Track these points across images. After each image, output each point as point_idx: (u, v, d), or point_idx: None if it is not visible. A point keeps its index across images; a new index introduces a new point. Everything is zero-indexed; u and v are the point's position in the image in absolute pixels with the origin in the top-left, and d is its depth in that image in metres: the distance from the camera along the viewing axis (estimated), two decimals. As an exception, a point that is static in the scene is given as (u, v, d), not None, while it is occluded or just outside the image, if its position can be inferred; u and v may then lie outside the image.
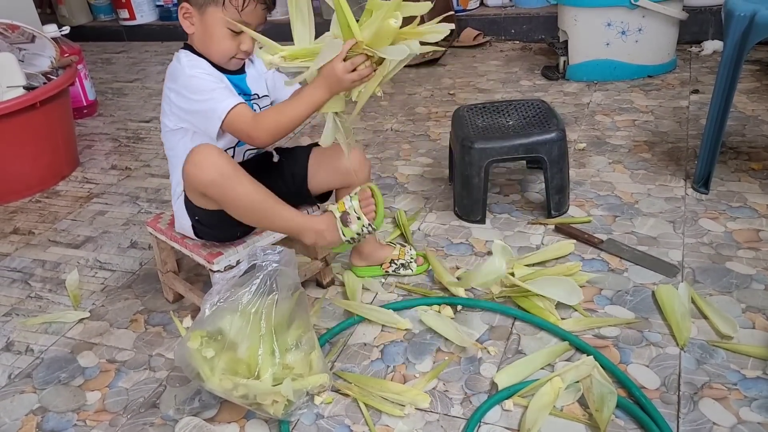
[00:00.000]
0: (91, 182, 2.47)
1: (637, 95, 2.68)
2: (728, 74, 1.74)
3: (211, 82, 1.32)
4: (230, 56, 1.35)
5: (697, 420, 1.19)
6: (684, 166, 2.07)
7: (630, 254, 1.66)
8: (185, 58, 1.36)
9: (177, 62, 1.36)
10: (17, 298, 1.79)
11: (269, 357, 1.21)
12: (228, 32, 1.31)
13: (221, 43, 1.33)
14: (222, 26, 1.30)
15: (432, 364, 1.39)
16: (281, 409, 1.23)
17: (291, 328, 1.27)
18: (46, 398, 1.41)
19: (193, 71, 1.33)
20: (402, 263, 1.64)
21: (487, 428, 1.22)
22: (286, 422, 1.26)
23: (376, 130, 2.63)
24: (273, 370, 1.20)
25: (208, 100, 1.30)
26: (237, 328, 1.20)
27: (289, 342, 1.26)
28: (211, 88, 1.31)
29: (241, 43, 1.33)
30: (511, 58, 3.38)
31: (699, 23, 3.14)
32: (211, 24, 1.31)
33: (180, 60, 1.36)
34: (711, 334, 1.38)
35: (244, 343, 1.21)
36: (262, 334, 1.21)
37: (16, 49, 2.51)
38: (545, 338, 1.42)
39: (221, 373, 1.19)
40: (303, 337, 1.28)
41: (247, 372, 1.20)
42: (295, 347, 1.26)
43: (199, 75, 1.33)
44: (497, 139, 1.78)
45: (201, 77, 1.32)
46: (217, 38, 1.32)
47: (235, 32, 1.31)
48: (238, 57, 1.36)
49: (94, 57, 4.22)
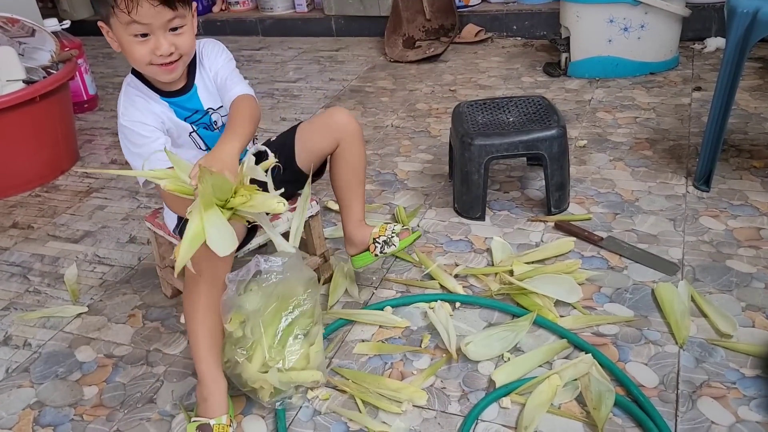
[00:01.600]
0: (90, 177, 2.46)
1: (638, 92, 2.67)
2: (730, 71, 1.73)
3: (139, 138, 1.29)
4: (147, 62, 1.25)
5: (695, 419, 1.18)
6: (685, 163, 2.06)
7: (630, 252, 1.65)
8: (124, 92, 1.33)
9: (119, 96, 1.34)
10: (16, 292, 1.79)
11: (268, 340, 1.21)
12: (133, 38, 1.21)
13: (133, 51, 1.23)
14: (126, 34, 1.21)
15: (430, 362, 1.38)
16: (267, 396, 1.23)
17: (299, 317, 1.25)
18: (43, 393, 1.41)
19: (121, 120, 1.30)
20: (384, 240, 1.51)
21: (484, 425, 1.22)
22: (283, 418, 1.26)
23: (377, 126, 2.62)
24: (266, 355, 1.20)
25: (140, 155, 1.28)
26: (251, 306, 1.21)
27: (294, 330, 1.24)
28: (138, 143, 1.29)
29: (153, 48, 1.22)
30: (513, 54, 3.36)
31: (702, 20, 3.12)
32: (119, 35, 1.23)
33: (122, 93, 1.33)
34: (710, 333, 1.37)
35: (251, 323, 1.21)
36: (262, 318, 1.21)
37: (16, 43, 2.51)
38: (543, 336, 1.41)
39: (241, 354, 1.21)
40: (310, 329, 1.27)
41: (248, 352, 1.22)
42: (297, 336, 1.25)
43: (125, 129, 1.30)
44: (497, 136, 1.77)
45: (127, 133, 1.30)
46: (128, 48, 1.23)
47: (141, 36, 1.21)
48: (158, 63, 1.25)
49: (95, 51, 4.21)
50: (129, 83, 1.34)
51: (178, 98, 1.35)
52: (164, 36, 1.22)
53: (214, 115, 1.40)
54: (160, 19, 1.19)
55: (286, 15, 4.17)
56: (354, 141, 1.48)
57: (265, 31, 4.22)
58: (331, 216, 1.96)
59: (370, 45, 3.79)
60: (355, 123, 1.48)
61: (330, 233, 1.83)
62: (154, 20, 1.19)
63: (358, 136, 1.49)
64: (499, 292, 1.54)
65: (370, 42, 3.84)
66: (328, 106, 1.29)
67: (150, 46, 1.22)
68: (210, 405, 1.23)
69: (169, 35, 1.23)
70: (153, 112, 1.32)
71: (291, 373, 1.24)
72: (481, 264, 1.67)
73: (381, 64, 3.43)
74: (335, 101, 2.94)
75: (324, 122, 1.48)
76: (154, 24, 1.20)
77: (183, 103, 1.36)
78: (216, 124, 1.41)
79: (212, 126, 1.41)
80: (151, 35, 1.21)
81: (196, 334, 1.24)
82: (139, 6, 1.16)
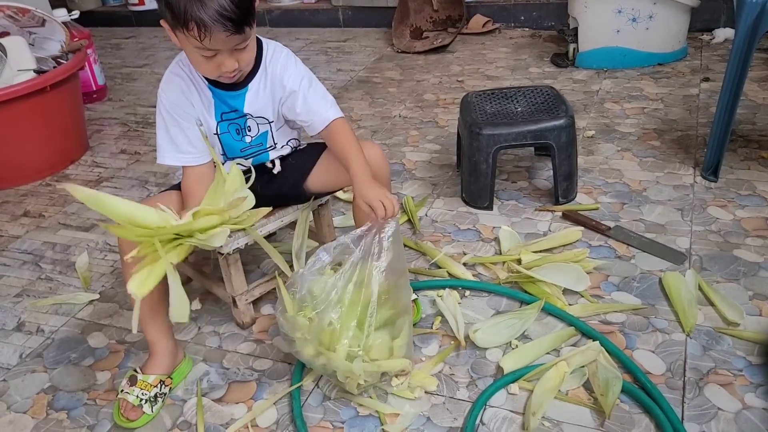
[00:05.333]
0: (100, 166, 2.48)
1: (647, 83, 2.67)
2: (739, 62, 1.72)
3: (163, 121, 1.32)
4: (215, 77, 1.25)
5: (702, 405, 1.19)
6: (693, 154, 2.06)
7: (637, 241, 1.66)
8: (171, 68, 1.33)
9: (173, 64, 1.33)
10: (28, 279, 1.81)
11: (351, 330, 1.19)
12: (201, 57, 1.20)
13: (199, 66, 1.24)
14: (192, 51, 1.20)
15: (438, 348, 1.40)
16: (354, 387, 1.24)
17: (385, 308, 1.22)
18: (56, 378, 1.43)
19: (160, 94, 1.31)
20: None
21: (492, 411, 1.23)
22: (298, 403, 1.27)
23: (384, 117, 2.62)
24: (348, 344, 1.18)
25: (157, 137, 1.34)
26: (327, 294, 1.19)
27: (380, 320, 1.22)
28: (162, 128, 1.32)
29: (220, 65, 1.21)
30: (521, 45, 3.36)
31: (710, 11, 3.11)
32: (185, 47, 1.21)
33: (173, 65, 1.33)
34: (717, 321, 1.38)
35: (330, 312, 1.19)
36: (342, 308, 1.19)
37: (27, 33, 2.52)
38: (551, 323, 1.43)
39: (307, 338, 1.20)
40: (397, 320, 1.25)
41: (329, 341, 1.20)
42: (382, 327, 1.23)
43: (161, 103, 1.31)
44: (505, 126, 1.78)
45: (160, 109, 1.32)
46: (194, 61, 1.24)
47: (208, 53, 1.19)
48: (226, 76, 1.24)
49: (104, 42, 4.23)
50: (181, 60, 1.31)
51: (226, 92, 1.32)
52: (230, 55, 1.20)
53: (251, 121, 1.36)
54: (230, 44, 1.18)
55: (293, 6, 4.17)
56: (380, 181, 1.33)
57: (273, 21, 4.22)
58: (341, 205, 1.97)
59: (377, 36, 3.79)
60: (385, 162, 1.40)
61: (339, 222, 1.84)
62: (223, 46, 1.18)
63: (385, 176, 1.40)
64: (507, 280, 1.55)
65: (378, 33, 3.84)
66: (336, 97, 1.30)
67: (216, 62, 1.20)
68: (149, 362, 1.35)
69: (234, 53, 1.21)
70: (191, 103, 1.32)
71: (378, 363, 1.21)
72: (489, 253, 1.68)
73: (388, 55, 3.43)
74: (343, 92, 2.95)
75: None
76: (223, 48, 1.18)
77: (227, 98, 1.33)
78: (250, 131, 1.37)
79: (244, 132, 1.37)
80: (218, 54, 1.19)
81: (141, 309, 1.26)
82: (212, 37, 1.14)
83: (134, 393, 1.29)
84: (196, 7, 1.11)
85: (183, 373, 1.39)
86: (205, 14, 1.11)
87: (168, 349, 1.35)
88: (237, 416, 1.28)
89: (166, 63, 1.36)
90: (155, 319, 1.33)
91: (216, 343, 1.48)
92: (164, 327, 1.35)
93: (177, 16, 1.13)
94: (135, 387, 1.30)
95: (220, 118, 1.34)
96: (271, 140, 1.41)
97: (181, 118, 1.31)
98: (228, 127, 1.36)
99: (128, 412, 1.27)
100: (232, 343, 1.48)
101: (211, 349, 1.46)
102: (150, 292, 1.15)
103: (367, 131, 2.51)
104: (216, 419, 1.28)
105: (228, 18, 1.12)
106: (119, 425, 1.28)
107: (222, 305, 1.59)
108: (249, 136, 1.38)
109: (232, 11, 1.12)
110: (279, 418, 1.27)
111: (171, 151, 1.33)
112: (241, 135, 1.38)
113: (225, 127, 1.36)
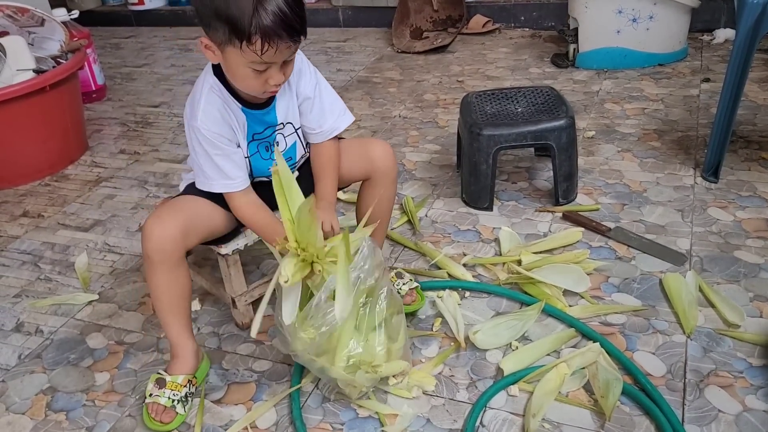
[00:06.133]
0: (99, 166, 2.48)
1: (647, 83, 2.66)
2: (740, 63, 1.72)
3: (205, 153, 1.26)
4: (259, 93, 1.22)
5: (702, 407, 1.19)
6: (693, 154, 2.06)
7: (638, 242, 1.65)
8: (205, 97, 1.25)
9: (196, 92, 1.26)
10: (27, 279, 1.80)
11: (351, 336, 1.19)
12: (251, 72, 1.16)
13: (245, 82, 1.19)
14: (243, 67, 1.15)
15: (438, 350, 1.39)
16: (355, 394, 1.25)
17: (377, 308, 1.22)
18: (55, 378, 1.43)
19: (195, 122, 1.24)
20: None
21: (492, 413, 1.23)
22: (297, 405, 1.27)
23: (384, 117, 2.62)
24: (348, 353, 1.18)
25: (201, 166, 1.28)
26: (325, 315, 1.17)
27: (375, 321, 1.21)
28: (205, 158, 1.27)
29: (268, 78, 1.17)
30: (521, 45, 3.36)
31: (711, 11, 3.11)
32: (233, 64, 1.16)
33: (196, 93, 1.26)
34: (718, 323, 1.38)
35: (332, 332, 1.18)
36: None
37: (26, 33, 2.51)
38: (551, 325, 1.42)
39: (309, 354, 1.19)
40: (390, 319, 1.24)
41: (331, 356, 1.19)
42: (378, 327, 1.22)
43: (201, 135, 1.24)
44: (506, 126, 1.77)
45: (200, 141, 1.25)
46: (241, 77, 1.19)
47: (260, 67, 1.15)
48: (270, 91, 1.22)
49: (103, 42, 4.22)
50: (212, 87, 1.25)
51: (258, 111, 1.29)
52: (279, 68, 1.18)
53: (278, 134, 1.34)
54: (286, 55, 1.15)
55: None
56: (386, 180, 1.41)
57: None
58: (339, 206, 1.96)
59: (377, 36, 3.79)
60: (393, 161, 1.41)
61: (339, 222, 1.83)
62: (280, 58, 1.15)
63: (391, 175, 1.42)
64: (507, 281, 1.55)
65: (378, 33, 3.84)
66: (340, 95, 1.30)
67: (265, 77, 1.17)
68: (174, 363, 1.33)
69: (283, 65, 1.18)
70: (231, 128, 1.27)
71: (379, 368, 1.20)
72: (489, 254, 1.68)
73: (388, 55, 3.43)
74: (343, 92, 2.95)
75: (361, 150, 1.42)
76: (279, 61, 1.16)
77: (261, 116, 1.30)
78: (278, 145, 1.35)
79: (272, 146, 1.35)
80: (269, 68, 1.16)
81: (161, 304, 1.30)
82: (277, 48, 1.11)
83: (165, 395, 1.27)
84: (263, 18, 1.08)
85: (204, 371, 1.38)
86: (270, 26, 1.08)
87: (192, 349, 1.34)
88: (236, 417, 1.28)
89: (166, 63, 1.36)
90: (177, 319, 1.31)
91: (215, 344, 1.48)
92: (186, 327, 1.33)
93: (239, 31, 1.09)
94: (165, 389, 1.28)
95: (252, 138, 1.32)
96: (302, 148, 1.39)
97: (226, 146, 1.27)
98: (258, 147, 1.33)
99: (161, 415, 1.26)
100: (231, 344, 1.48)
101: (211, 350, 1.46)
102: (169, 291, 1.22)
103: (367, 131, 2.51)
104: (215, 420, 1.28)
105: (291, 27, 1.11)
106: (153, 430, 1.26)
107: (221, 306, 1.59)
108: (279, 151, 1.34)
109: (294, 20, 1.10)
110: (278, 420, 1.26)
111: (218, 178, 1.27)
112: (270, 152, 1.35)
113: (255, 148, 1.33)
